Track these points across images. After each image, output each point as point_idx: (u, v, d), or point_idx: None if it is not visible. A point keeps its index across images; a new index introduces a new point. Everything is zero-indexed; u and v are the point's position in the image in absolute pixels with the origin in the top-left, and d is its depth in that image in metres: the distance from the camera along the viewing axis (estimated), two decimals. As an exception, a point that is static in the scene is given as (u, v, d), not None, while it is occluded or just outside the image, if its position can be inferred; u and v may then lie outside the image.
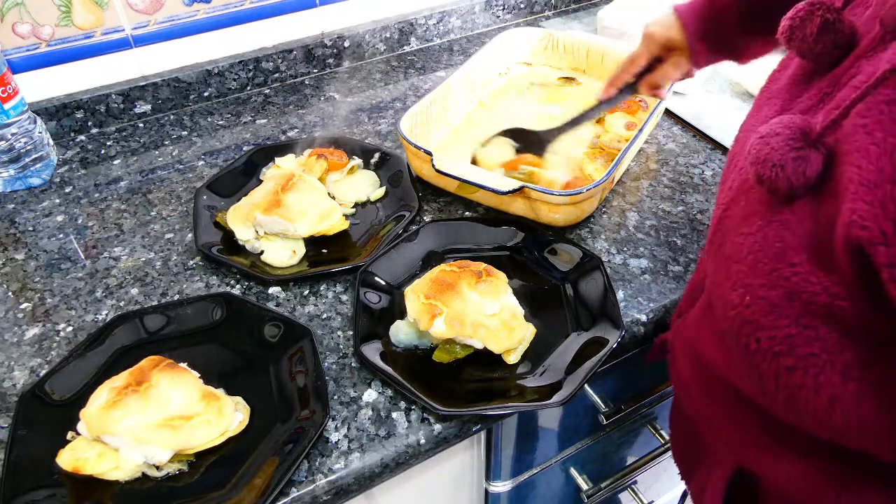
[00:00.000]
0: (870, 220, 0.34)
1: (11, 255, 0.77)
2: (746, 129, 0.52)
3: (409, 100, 1.03)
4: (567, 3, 1.28)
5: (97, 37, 0.94)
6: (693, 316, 0.54)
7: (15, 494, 0.51)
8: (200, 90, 1.03)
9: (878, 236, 0.33)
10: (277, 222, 0.72)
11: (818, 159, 0.39)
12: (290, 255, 0.73)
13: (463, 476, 0.75)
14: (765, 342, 0.41)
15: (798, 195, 0.40)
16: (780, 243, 0.41)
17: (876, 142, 0.35)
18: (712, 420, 0.53)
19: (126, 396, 0.54)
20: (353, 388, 0.61)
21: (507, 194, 0.72)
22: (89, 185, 0.88)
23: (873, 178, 0.34)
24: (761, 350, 0.41)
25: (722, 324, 0.46)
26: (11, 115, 0.83)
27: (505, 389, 0.59)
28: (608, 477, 0.86)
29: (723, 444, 0.54)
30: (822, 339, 0.38)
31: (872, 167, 0.35)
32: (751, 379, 0.44)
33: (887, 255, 0.33)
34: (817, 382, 0.39)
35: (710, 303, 0.49)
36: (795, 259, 0.40)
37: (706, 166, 0.86)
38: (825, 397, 0.38)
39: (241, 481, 0.53)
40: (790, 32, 0.44)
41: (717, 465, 0.55)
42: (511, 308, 0.63)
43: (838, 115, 0.38)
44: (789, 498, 0.49)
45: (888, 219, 0.33)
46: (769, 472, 0.48)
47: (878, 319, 0.36)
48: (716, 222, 0.50)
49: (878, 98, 0.36)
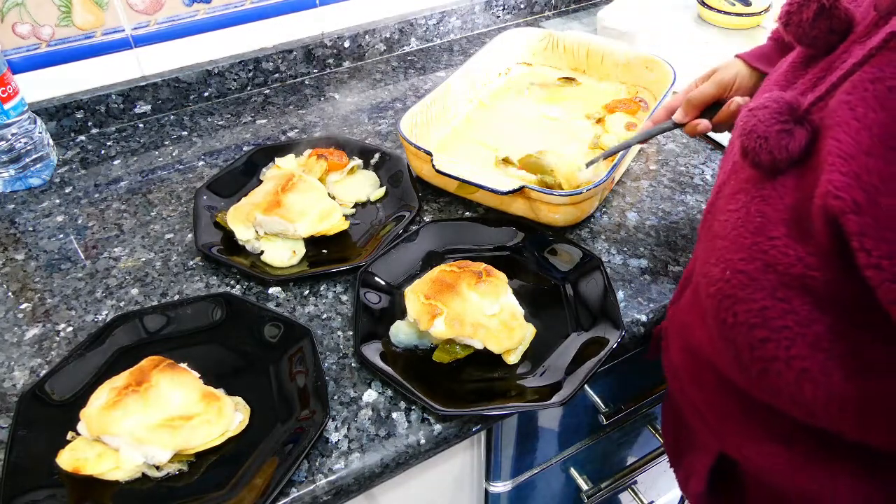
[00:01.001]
0: (843, 190, 0.34)
1: (11, 255, 0.77)
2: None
3: (409, 100, 1.03)
4: (567, 3, 1.28)
5: (97, 37, 0.94)
6: (684, 300, 0.55)
7: (15, 494, 0.51)
8: (200, 90, 1.03)
9: (851, 205, 0.34)
10: (277, 222, 0.72)
11: (802, 135, 0.40)
12: (290, 256, 0.73)
13: (463, 476, 0.75)
14: (741, 315, 0.42)
15: (781, 169, 0.41)
16: (762, 218, 0.42)
17: (857, 117, 0.36)
18: (698, 406, 0.54)
19: (126, 396, 0.54)
20: (353, 389, 0.61)
21: (506, 194, 0.72)
22: (89, 185, 0.88)
23: (850, 150, 0.35)
24: (738, 323, 0.42)
25: (704, 301, 0.46)
26: (11, 116, 0.83)
27: (505, 390, 0.59)
28: (608, 477, 0.86)
29: (706, 431, 0.55)
30: (794, 312, 0.39)
31: (851, 140, 0.35)
32: (728, 354, 0.45)
33: (857, 224, 0.34)
34: (789, 354, 0.40)
35: (697, 284, 0.50)
36: (775, 233, 0.41)
37: (706, 167, 0.86)
38: (796, 369, 0.39)
39: (241, 481, 0.53)
40: (787, 18, 0.45)
41: (702, 452, 0.56)
42: (511, 308, 0.63)
43: (824, 91, 0.39)
44: (768, 482, 0.50)
45: (861, 188, 0.34)
46: (749, 456, 0.49)
47: (848, 289, 0.37)
48: (709, 205, 0.51)
49: (864, 76, 0.36)
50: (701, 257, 0.49)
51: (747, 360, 0.42)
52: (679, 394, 0.58)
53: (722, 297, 0.43)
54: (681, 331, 0.55)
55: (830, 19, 0.43)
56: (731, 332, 0.43)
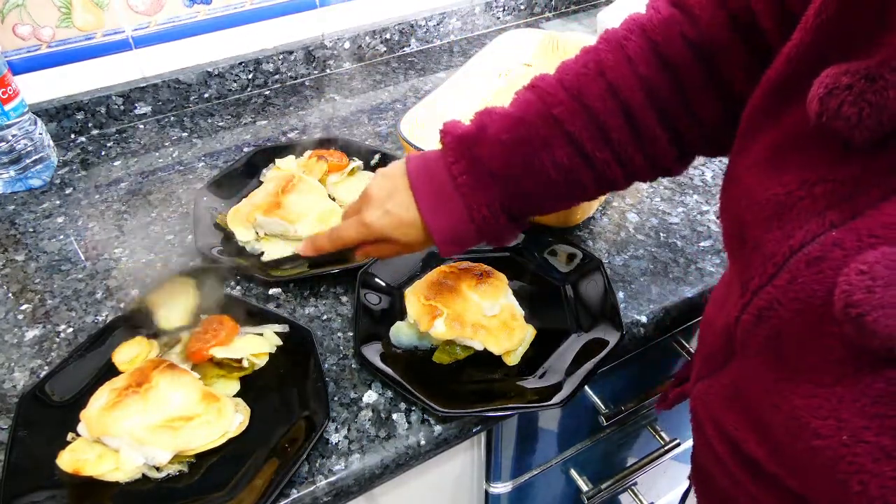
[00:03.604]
0: None
1: (12, 256, 0.77)
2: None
3: (410, 101, 1.03)
4: (567, 4, 1.28)
5: (98, 38, 0.94)
6: (718, 397, 0.47)
7: (15, 495, 0.51)
8: (201, 91, 1.03)
9: None
10: (278, 223, 0.72)
11: None
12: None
13: (463, 477, 0.75)
14: (875, 489, 0.33)
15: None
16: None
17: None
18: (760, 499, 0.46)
19: (126, 397, 0.54)
20: (354, 390, 0.61)
21: (507, 195, 0.72)
22: (89, 186, 0.88)
23: None
24: (868, 494, 0.34)
25: (786, 444, 0.38)
26: (12, 117, 0.83)
27: (505, 390, 0.59)
28: (608, 478, 0.86)
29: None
30: None
31: None
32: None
33: None
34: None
35: (747, 400, 0.42)
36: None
37: (706, 167, 0.86)
38: None
39: (241, 482, 0.53)
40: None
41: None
42: (511, 309, 0.63)
43: None
44: None
45: None
46: None
47: None
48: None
49: None
50: (774, 386, 0.39)
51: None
52: (728, 484, 0.48)
53: (836, 458, 0.35)
54: (720, 425, 0.46)
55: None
56: (855, 499, 0.34)
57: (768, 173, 0.39)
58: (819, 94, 0.33)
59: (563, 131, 0.51)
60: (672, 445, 0.83)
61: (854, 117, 0.32)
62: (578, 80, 0.51)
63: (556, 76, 0.54)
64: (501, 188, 0.52)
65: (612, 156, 0.51)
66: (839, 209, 0.34)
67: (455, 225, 0.53)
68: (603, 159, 0.51)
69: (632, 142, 0.51)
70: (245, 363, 0.60)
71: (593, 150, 0.51)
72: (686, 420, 0.54)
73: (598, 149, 0.51)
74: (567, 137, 0.51)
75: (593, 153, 0.51)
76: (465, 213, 0.52)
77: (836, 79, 0.32)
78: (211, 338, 0.60)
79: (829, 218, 0.35)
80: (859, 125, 0.32)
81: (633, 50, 0.51)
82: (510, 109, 0.54)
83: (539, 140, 0.51)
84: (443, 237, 0.53)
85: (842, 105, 0.32)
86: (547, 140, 0.51)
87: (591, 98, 0.50)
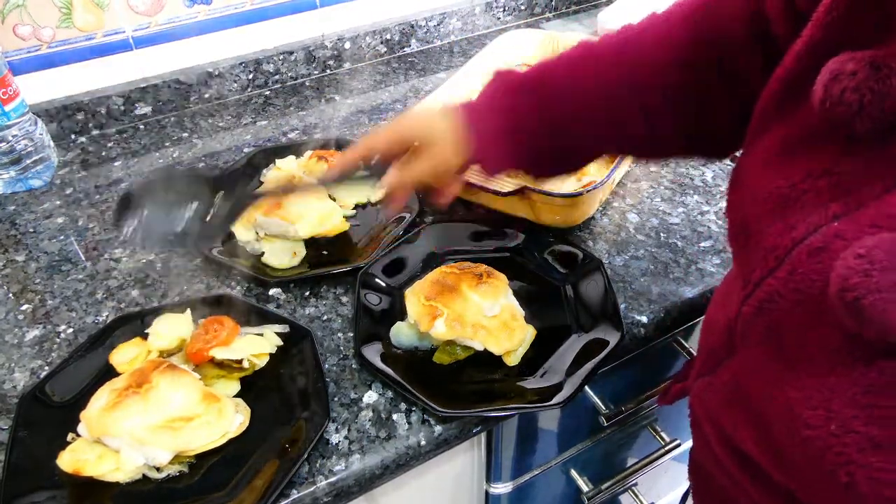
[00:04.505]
0: None
1: (12, 256, 0.77)
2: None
3: (410, 101, 1.03)
4: (567, 4, 1.28)
5: (98, 38, 0.94)
6: (717, 395, 0.47)
7: (15, 496, 0.51)
8: (201, 92, 1.03)
9: None
10: (278, 224, 0.72)
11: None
12: (290, 257, 0.73)
13: (463, 477, 0.75)
14: (861, 480, 0.33)
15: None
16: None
17: None
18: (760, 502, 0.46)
19: (126, 398, 0.54)
20: (354, 390, 0.61)
21: (507, 196, 0.72)
22: (90, 186, 0.88)
23: None
24: (855, 485, 0.34)
25: (782, 438, 0.38)
26: (12, 117, 0.83)
27: (505, 391, 0.59)
28: (609, 478, 0.86)
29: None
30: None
31: None
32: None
33: None
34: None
35: (746, 393, 0.42)
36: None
37: (707, 168, 0.86)
38: None
39: (241, 483, 0.53)
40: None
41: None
42: (511, 309, 0.63)
43: None
44: None
45: None
46: None
47: None
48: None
49: None
50: (771, 377, 0.40)
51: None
52: (727, 483, 0.48)
53: (824, 448, 0.35)
54: (717, 423, 0.47)
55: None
56: (849, 490, 0.34)
57: (775, 168, 0.40)
58: (824, 80, 0.33)
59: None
60: (672, 446, 0.83)
61: (855, 104, 0.32)
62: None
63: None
64: (539, 99, 0.55)
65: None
66: (843, 201, 0.35)
67: (493, 127, 0.54)
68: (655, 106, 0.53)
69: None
70: (245, 363, 0.60)
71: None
72: (686, 420, 0.54)
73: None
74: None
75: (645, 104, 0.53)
76: (503, 118, 0.54)
77: (842, 64, 0.33)
78: (211, 338, 0.60)
79: (833, 210, 0.35)
80: (861, 113, 0.32)
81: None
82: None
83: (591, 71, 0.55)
84: (478, 133, 0.54)
85: (844, 91, 0.32)
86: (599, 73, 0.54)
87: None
